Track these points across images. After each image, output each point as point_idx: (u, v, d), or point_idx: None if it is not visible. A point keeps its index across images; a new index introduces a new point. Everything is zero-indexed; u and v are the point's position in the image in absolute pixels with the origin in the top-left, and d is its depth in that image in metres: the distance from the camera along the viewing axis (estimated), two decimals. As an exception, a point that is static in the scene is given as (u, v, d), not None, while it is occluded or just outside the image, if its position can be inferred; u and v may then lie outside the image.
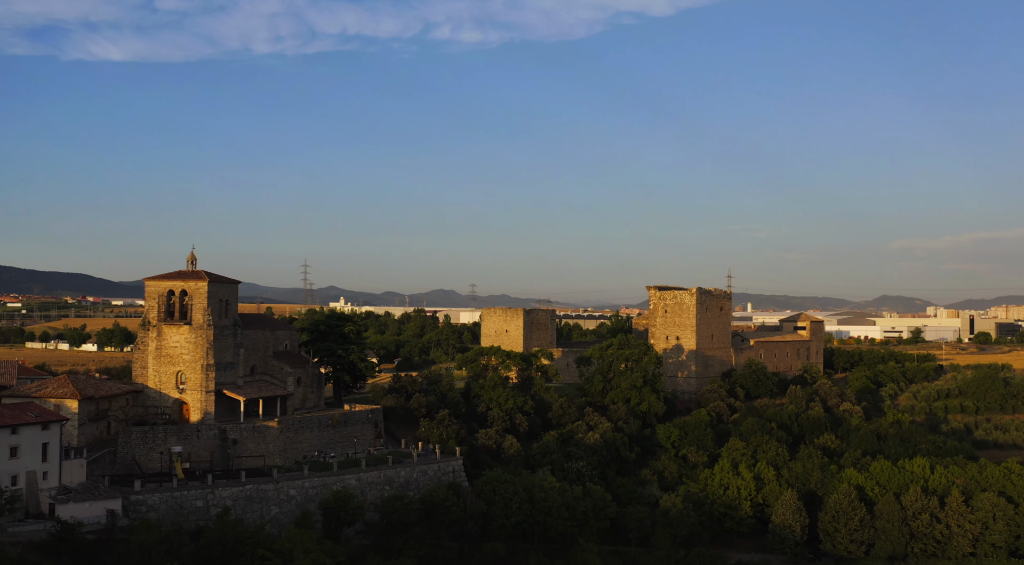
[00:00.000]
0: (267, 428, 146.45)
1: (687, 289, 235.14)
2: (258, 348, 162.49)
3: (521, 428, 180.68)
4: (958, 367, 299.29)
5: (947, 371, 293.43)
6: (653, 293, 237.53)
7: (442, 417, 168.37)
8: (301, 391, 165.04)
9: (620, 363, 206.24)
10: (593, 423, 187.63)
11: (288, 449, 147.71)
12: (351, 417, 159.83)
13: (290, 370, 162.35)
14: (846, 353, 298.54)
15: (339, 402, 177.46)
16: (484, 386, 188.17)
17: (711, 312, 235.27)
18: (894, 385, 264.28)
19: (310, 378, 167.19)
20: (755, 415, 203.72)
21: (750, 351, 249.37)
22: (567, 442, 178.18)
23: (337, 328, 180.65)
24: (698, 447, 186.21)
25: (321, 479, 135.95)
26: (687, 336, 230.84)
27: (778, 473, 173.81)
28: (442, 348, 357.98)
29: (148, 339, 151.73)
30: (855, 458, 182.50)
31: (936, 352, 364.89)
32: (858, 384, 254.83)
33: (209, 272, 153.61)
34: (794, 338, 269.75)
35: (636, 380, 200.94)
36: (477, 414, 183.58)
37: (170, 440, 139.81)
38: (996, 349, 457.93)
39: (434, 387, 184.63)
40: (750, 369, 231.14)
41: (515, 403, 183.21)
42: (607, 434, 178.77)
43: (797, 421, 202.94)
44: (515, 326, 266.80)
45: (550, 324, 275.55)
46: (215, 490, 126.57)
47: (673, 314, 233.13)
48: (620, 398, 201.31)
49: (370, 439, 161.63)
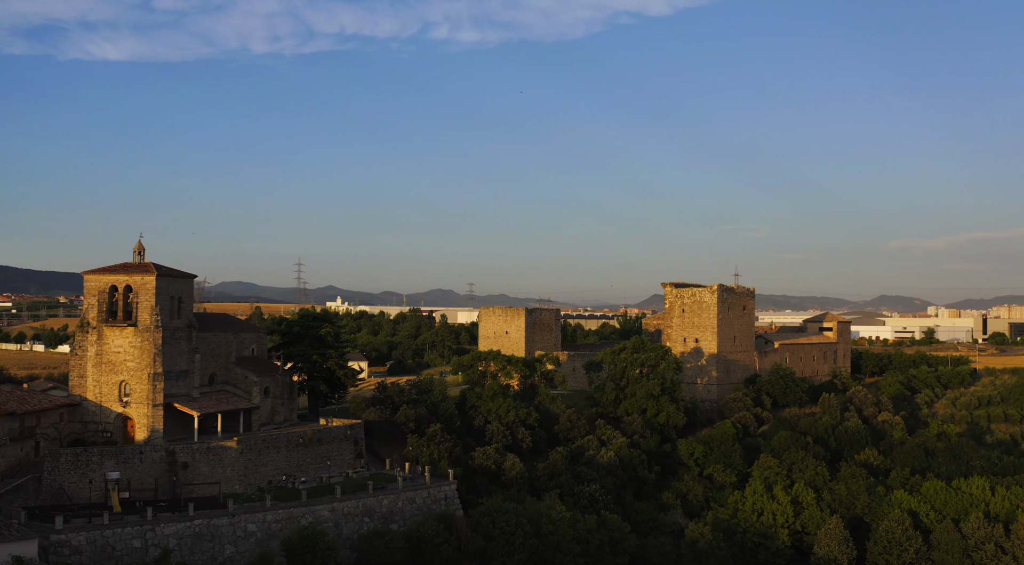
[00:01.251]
0: (224, 449, 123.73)
1: (706, 286, 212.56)
2: (218, 353, 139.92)
3: (524, 444, 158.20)
4: (994, 371, 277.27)
5: (982, 375, 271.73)
6: (669, 290, 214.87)
7: (433, 433, 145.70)
8: (269, 403, 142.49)
9: (635, 369, 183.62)
10: (606, 438, 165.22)
11: (249, 473, 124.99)
12: (326, 434, 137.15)
13: (256, 379, 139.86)
14: (874, 356, 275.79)
15: (315, 415, 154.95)
16: (482, 396, 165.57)
17: (733, 311, 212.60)
18: (929, 391, 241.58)
19: (280, 388, 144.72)
20: (787, 427, 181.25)
21: (775, 354, 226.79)
22: (576, 460, 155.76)
23: (312, 330, 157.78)
24: (725, 465, 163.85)
25: (287, 511, 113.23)
26: (707, 338, 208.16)
27: (818, 496, 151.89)
28: (437, 350, 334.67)
29: (87, 343, 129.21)
30: (903, 478, 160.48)
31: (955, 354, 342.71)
32: (892, 390, 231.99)
33: (159, 265, 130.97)
34: (820, 340, 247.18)
35: (653, 388, 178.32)
36: (474, 428, 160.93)
37: (106, 464, 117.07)
38: (1017, 350, 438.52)
39: (424, 397, 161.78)
40: (777, 375, 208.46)
41: (517, 415, 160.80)
42: (622, 451, 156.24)
43: (834, 434, 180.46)
44: (516, 327, 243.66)
45: (554, 325, 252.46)
46: (157, 526, 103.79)
47: (692, 314, 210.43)
48: (635, 408, 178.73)
49: (349, 460, 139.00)
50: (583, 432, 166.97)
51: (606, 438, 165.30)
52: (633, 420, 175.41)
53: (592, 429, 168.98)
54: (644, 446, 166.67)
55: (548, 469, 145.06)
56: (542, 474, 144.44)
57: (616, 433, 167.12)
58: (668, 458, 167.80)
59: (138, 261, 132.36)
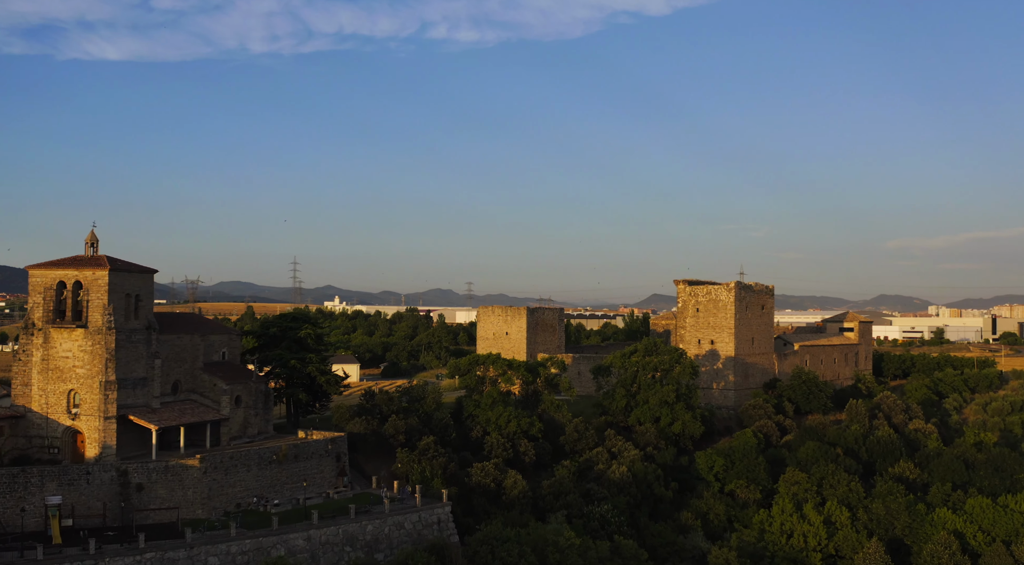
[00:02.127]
0: (185, 467, 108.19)
1: (722, 283, 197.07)
2: (183, 358, 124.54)
3: (527, 458, 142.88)
4: (1022, 374, 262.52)
5: (1009, 378, 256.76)
6: (682, 288, 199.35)
7: (425, 446, 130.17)
8: (241, 414, 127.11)
9: (647, 373, 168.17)
10: (616, 450, 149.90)
11: (214, 496, 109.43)
12: (304, 449, 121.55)
13: (225, 387, 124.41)
14: (896, 358, 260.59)
15: (293, 427, 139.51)
16: (480, 404, 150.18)
17: (751, 311, 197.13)
18: (957, 396, 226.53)
19: (253, 397, 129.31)
20: (813, 437, 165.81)
21: (795, 357, 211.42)
22: (585, 476, 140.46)
23: (291, 332, 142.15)
24: (748, 480, 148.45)
25: (255, 540, 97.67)
26: (723, 339, 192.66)
27: (853, 515, 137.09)
28: (433, 352, 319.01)
29: (32, 347, 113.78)
30: (945, 494, 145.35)
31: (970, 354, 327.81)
32: (918, 395, 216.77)
33: (113, 258, 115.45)
34: (841, 341, 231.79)
35: (667, 395, 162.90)
36: (471, 440, 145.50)
37: (47, 486, 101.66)
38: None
39: (416, 406, 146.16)
40: (799, 379, 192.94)
41: (519, 426, 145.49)
42: (635, 465, 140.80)
43: (865, 445, 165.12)
44: (517, 327, 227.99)
45: (558, 325, 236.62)
46: (101, 561, 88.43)
47: (707, 313, 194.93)
48: (648, 417, 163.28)
49: (330, 478, 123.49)
50: (591, 443, 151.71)
51: (617, 450, 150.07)
52: (646, 430, 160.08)
53: (601, 440, 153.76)
54: (659, 459, 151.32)
55: (554, 487, 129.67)
56: (547, 493, 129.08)
57: (628, 445, 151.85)
58: (685, 472, 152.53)
59: (90, 254, 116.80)
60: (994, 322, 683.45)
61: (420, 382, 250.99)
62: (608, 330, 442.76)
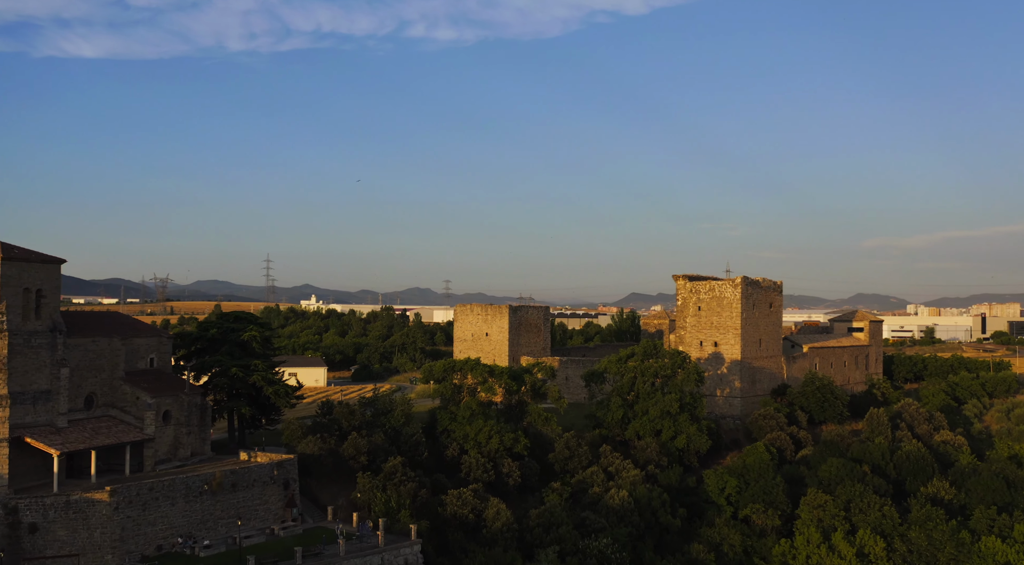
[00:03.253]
0: (91, 502, 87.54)
1: (724, 278, 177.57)
2: (100, 367, 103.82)
3: (511, 480, 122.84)
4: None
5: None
6: (682, 284, 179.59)
7: (392, 470, 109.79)
8: (170, 433, 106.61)
9: (646, 380, 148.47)
10: (614, 469, 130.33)
11: (128, 537, 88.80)
12: (244, 476, 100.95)
13: (151, 400, 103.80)
14: (907, 360, 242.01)
15: (236, 447, 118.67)
16: (456, 417, 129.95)
17: (759, 309, 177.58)
18: (976, 402, 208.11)
19: (186, 412, 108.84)
20: (835, 452, 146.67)
21: (804, 360, 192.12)
22: (579, 501, 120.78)
23: (233, 334, 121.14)
24: (766, 504, 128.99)
25: (174, 596, 77.49)
26: (729, 341, 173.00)
27: (889, 545, 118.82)
28: (408, 353, 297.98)
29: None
30: (989, 519, 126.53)
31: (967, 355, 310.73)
32: (937, 401, 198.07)
33: (8, 245, 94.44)
34: (851, 342, 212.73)
35: (670, 405, 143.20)
36: (446, 460, 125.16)
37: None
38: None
39: (382, 420, 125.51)
40: (813, 385, 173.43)
41: (502, 442, 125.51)
42: (638, 489, 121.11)
43: (893, 461, 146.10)
44: (498, 328, 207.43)
45: (543, 325, 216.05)
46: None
47: (710, 312, 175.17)
48: (648, 430, 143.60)
49: (276, 510, 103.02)
50: (585, 462, 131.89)
51: (614, 469, 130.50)
52: (646, 445, 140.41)
53: (596, 458, 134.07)
54: (663, 480, 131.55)
55: (543, 517, 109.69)
56: (536, 524, 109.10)
57: (627, 463, 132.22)
58: (692, 495, 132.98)
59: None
60: (984, 321, 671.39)
61: (392, 387, 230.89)
62: (591, 330, 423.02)
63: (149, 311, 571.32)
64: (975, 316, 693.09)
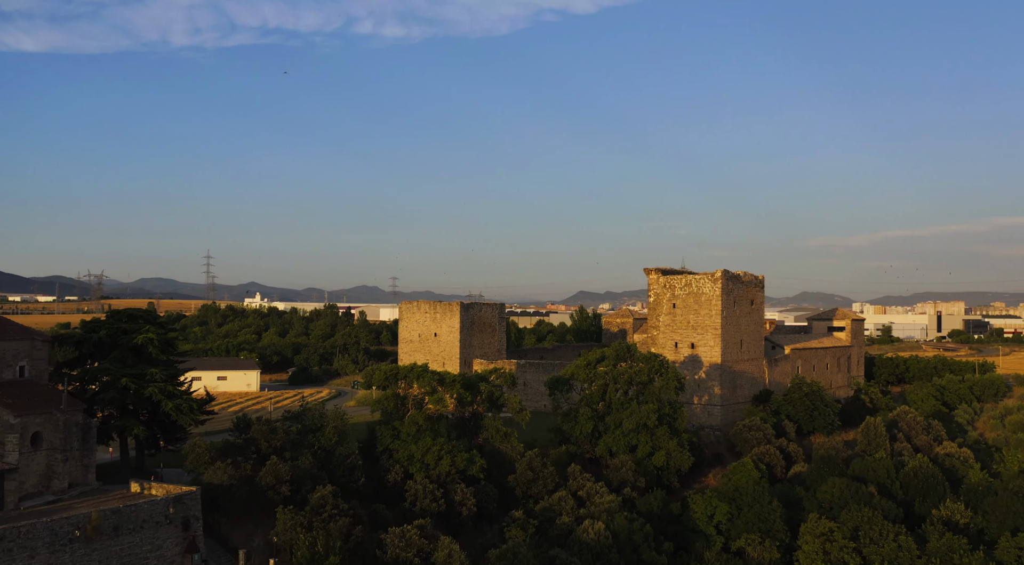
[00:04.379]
0: (-89, 563, 66.36)
1: (699, 272, 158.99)
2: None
3: (464, 510, 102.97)
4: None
5: (1011, 384, 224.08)
6: (655, 278, 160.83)
7: (320, 502, 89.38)
8: (41, 460, 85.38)
9: (619, 388, 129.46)
10: (585, 493, 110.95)
11: (-36, 605, 67.76)
12: (129, 517, 79.74)
13: (13, 420, 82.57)
14: (889, 362, 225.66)
15: (127, 476, 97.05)
16: (400, 434, 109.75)
17: (740, 306, 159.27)
18: (967, 407, 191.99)
19: (63, 433, 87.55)
20: (834, 470, 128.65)
21: (786, 363, 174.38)
22: (545, 533, 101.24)
23: (125, 337, 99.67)
24: (762, 533, 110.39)
25: None
26: (707, 342, 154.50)
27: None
28: (349, 354, 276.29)
29: None
30: (1018, 547, 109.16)
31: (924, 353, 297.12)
32: (927, 407, 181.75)
33: None
34: (833, 343, 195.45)
35: (646, 416, 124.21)
36: (387, 487, 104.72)
37: None
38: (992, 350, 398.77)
39: (311, 439, 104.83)
40: (800, 392, 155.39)
41: (453, 464, 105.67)
42: (616, 520, 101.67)
43: (899, 479, 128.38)
44: (449, 327, 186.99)
45: (498, 325, 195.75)
46: None
47: (686, 310, 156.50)
48: (621, 446, 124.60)
49: (173, 558, 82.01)
50: (551, 485, 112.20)
51: (585, 494, 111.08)
52: (621, 463, 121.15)
53: (564, 480, 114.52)
54: (644, 507, 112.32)
55: (506, 559, 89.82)
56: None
57: (600, 487, 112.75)
58: (676, 523, 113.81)
59: None
60: (939, 319, 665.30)
61: (331, 392, 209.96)
62: (543, 329, 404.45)
63: (86, 309, 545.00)
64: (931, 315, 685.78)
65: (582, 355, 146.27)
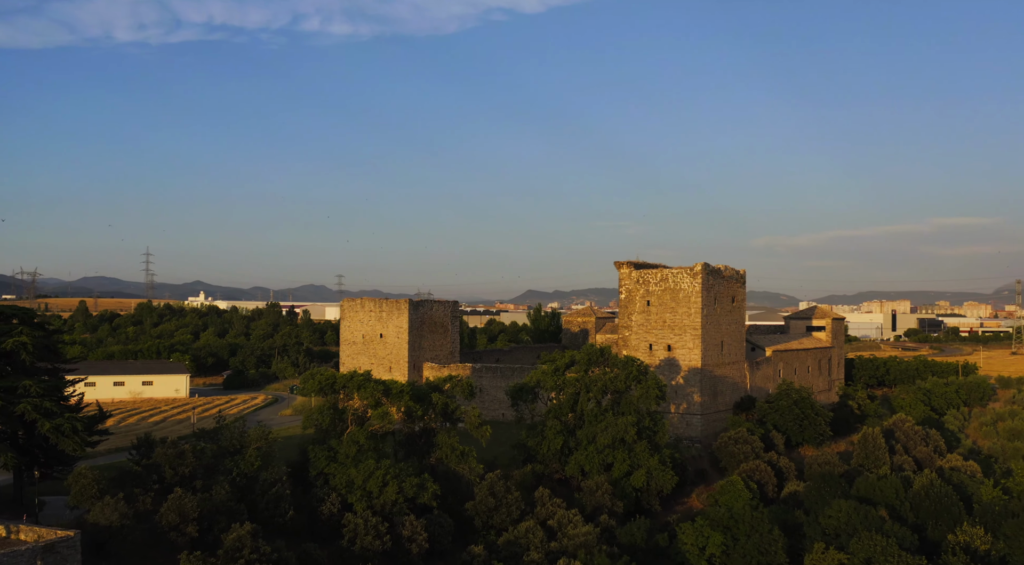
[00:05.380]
0: None
1: (676, 267, 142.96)
2: None
3: (415, 547, 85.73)
4: (1009, 381, 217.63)
5: (995, 386, 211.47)
6: (626, 272, 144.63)
7: (236, 544, 71.71)
8: None
9: (592, 397, 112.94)
10: (555, 522, 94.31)
11: None
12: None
13: None
14: (868, 363, 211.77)
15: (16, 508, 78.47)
16: (338, 456, 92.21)
17: (721, 304, 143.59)
18: (956, 412, 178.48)
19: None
20: (836, 490, 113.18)
21: (767, 366, 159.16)
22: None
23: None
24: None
25: None
26: (686, 344, 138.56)
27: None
28: (289, 356, 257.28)
29: None
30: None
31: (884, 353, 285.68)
32: (917, 413, 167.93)
33: None
34: (814, 344, 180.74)
35: (624, 430, 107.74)
36: (320, 520, 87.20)
37: None
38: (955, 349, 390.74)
39: (228, 463, 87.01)
40: (788, 399, 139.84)
41: (401, 491, 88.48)
42: (597, 560, 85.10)
43: (908, 500, 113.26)
44: (395, 327, 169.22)
45: (450, 325, 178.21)
46: None
47: (662, 308, 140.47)
48: (595, 465, 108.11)
49: (35, 625, 64.01)
50: (515, 513, 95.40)
51: (556, 523, 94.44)
52: (596, 485, 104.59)
53: (531, 506, 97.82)
54: (625, 539, 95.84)
55: (465, 614, 72.90)
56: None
57: (572, 514, 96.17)
58: (663, 557, 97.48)
59: None
60: (894, 317, 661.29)
61: (267, 398, 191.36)
62: (495, 329, 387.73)
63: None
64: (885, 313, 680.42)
65: (542, 357, 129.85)
